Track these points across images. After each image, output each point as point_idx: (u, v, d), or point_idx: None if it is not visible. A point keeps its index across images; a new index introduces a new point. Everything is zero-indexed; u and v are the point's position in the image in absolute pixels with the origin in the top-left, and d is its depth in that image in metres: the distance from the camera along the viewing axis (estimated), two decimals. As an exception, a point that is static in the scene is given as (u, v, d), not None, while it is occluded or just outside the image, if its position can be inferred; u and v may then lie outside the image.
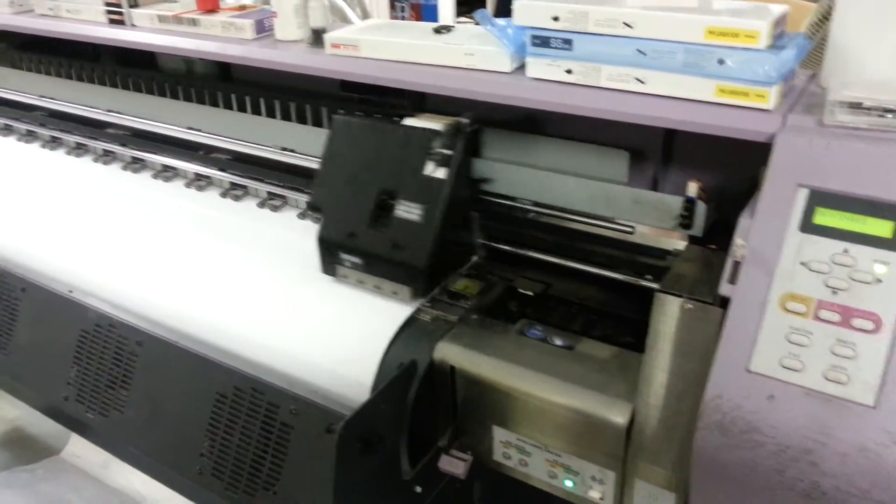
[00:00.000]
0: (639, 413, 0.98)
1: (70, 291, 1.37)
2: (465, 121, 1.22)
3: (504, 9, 3.95)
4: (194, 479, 1.17)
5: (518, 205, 1.27)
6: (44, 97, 1.98)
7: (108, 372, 1.27)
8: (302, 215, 1.51)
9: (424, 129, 1.22)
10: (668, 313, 0.93)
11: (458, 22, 4.98)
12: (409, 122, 1.26)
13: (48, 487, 2.14)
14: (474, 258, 1.32)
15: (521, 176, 1.25)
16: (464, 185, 1.24)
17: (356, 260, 1.23)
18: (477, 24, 1.15)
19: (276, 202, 1.57)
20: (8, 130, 2.07)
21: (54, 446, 2.32)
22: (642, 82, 0.99)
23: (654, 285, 1.13)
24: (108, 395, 1.28)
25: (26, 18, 1.73)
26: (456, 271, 1.28)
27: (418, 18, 4.75)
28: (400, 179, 1.21)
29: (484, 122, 1.26)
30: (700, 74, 0.94)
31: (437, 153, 1.19)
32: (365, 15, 3.00)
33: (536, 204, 1.26)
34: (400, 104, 1.37)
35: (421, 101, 1.40)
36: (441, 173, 1.18)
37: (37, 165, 1.87)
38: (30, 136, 2.01)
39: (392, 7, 4.83)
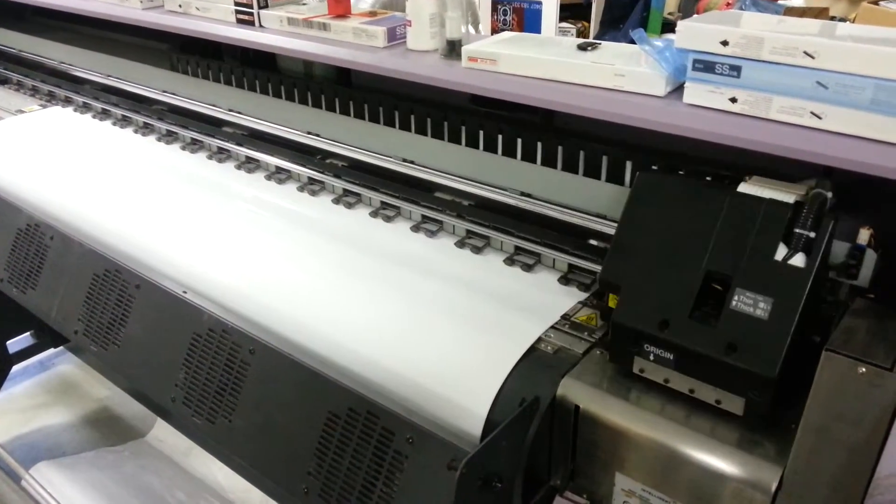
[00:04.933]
0: (788, 479, 0.89)
1: (185, 292, 1.36)
2: (826, 193, 0.96)
3: (610, 20, 3.85)
4: (300, 497, 1.14)
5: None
6: (165, 91, 2.01)
7: (218, 378, 1.26)
8: (416, 228, 1.47)
9: (776, 202, 0.97)
10: (837, 375, 0.84)
11: (561, 28, 4.90)
12: (746, 188, 1.00)
13: (131, 469, 2.18)
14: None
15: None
16: (823, 274, 0.98)
17: (665, 355, 1.01)
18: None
19: (390, 213, 1.53)
20: (126, 122, 2.11)
21: (140, 429, 2.37)
22: (819, 117, 0.90)
23: (812, 336, 1.05)
24: (216, 402, 1.26)
25: (156, 14, 1.75)
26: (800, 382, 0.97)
27: (520, 23, 4.69)
28: (737, 262, 0.97)
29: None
30: (892, 114, 0.84)
31: (796, 234, 0.94)
32: (476, 22, 2.96)
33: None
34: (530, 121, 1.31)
35: (549, 120, 1.35)
36: (799, 261, 0.94)
37: (151, 158, 1.90)
38: (146, 129, 2.04)
39: (494, 11, 4.79)
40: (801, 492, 0.88)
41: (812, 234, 0.93)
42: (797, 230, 0.93)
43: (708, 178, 1.05)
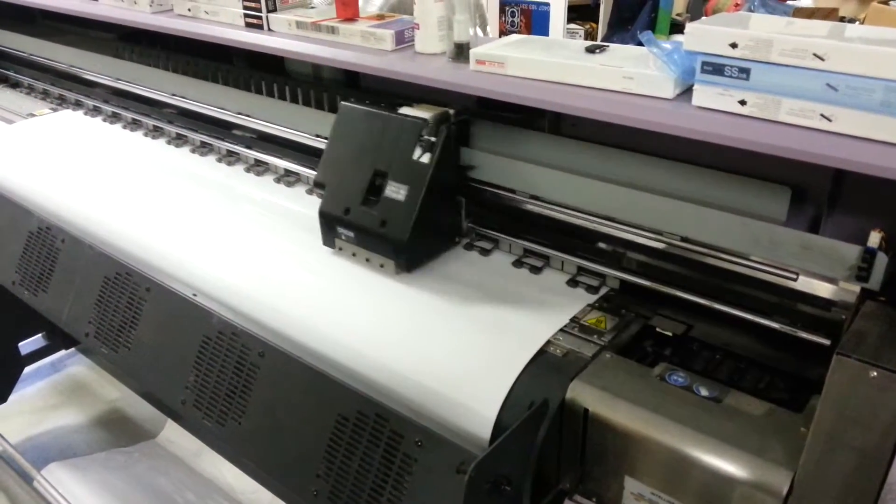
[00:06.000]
0: (799, 484, 0.89)
1: (195, 295, 1.37)
2: (451, 111, 1.32)
3: (618, 21, 3.84)
4: (310, 499, 1.14)
5: (665, 239, 1.19)
6: (175, 95, 2.02)
7: (227, 380, 1.26)
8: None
9: (417, 118, 1.31)
10: (848, 379, 0.83)
11: (569, 29, 4.90)
12: (403, 111, 1.35)
13: (142, 470, 2.19)
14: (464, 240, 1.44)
15: (668, 207, 1.17)
16: (449, 170, 1.33)
17: (350, 234, 1.36)
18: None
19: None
20: (136, 125, 2.12)
21: (150, 430, 2.39)
22: (829, 120, 0.90)
23: (820, 339, 1.05)
24: (225, 404, 1.26)
25: (165, 18, 1.76)
26: (441, 251, 1.40)
27: (528, 25, 4.69)
28: (391, 162, 1.32)
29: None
30: (902, 116, 0.84)
31: (423, 139, 1.29)
32: (484, 24, 2.96)
33: (684, 239, 1.17)
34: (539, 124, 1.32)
35: (558, 122, 1.35)
36: (425, 158, 1.29)
37: (161, 161, 1.91)
38: (156, 132, 2.05)
39: (502, 13, 4.79)
40: (812, 496, 0.87)
41: (433, 139, 1.28)
42: (424, 136, 1.29)
43: (382, 105, 1.40)
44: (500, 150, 1.37)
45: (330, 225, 1.39)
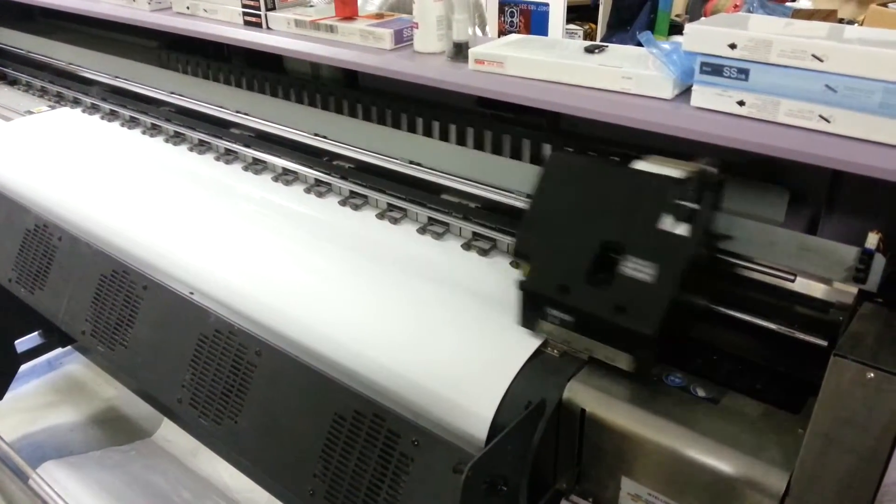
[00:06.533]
0: (796, 484, 0.89)
1: (191, 293, 1.37)
2: (711, 169, 1.03)
3: (617, 22, 3.85)
4: (306, 499, 1.14)
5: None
6: (173, 93, 2.01)
7: (224, 379, 1.26)
8: (422, 230, 1.47)
9: (663, 177, 1.04)
10: (845, 381, 0.83)
11: (568, 30, 4.90)
12: (640, 165, 1.08)
13: (138, 468, 2.19)
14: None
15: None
16: (705, 243, 1.06)
17: (566, 318, 1.08)
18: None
19: (396, 214, 1.53)
20: (134, 123, 2.11)
21: (147, 429, 2.38)
22: (828, 121, 0.90)
23: (818, 341, 1.05)
24: (222, 403, 1.26)
25: (163, 16, 1.76)
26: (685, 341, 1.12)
27: (527, 25, 4.69)
28: (629, 232, 1.04)
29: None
30: (901, 117, 0.84)
31: (678, 206, 1.00)
32: (483, 24, 2.96)
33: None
34: (537, 123, 1.31)
35: (556, 122, 1.34)
36: (682, 230, 1.00)
37: (159, 159, 1.90)
38: (154, 130, 2.05)
39: (501, 13, 4.79)
40: (809, 497, 0.87)
41: (695, 206, 0.99)
42: (681, 201, 1.00)
43: (611, 157, 1.15)
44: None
45: (537, 304, 1.10)
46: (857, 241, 0.99)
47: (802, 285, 1.07)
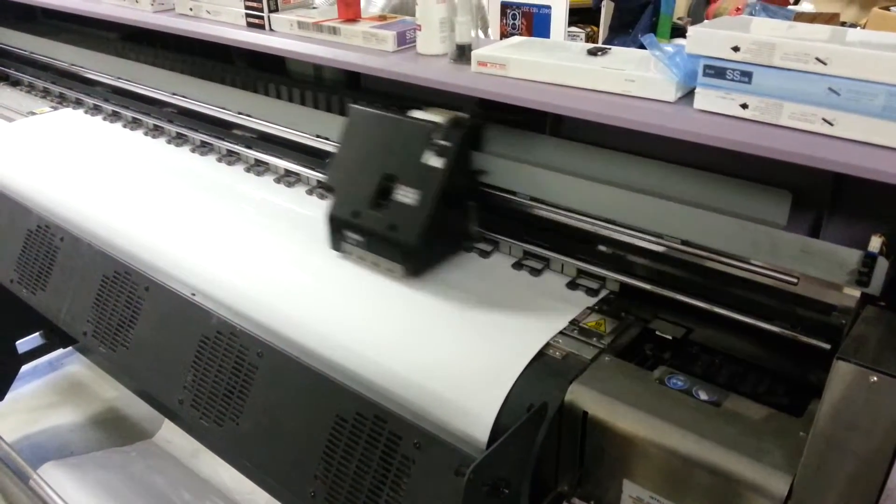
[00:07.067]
0: (798, 488, 0.89)
1: (193, 294, 1.36)
2: (464, 115, 1.31)
3: (619, 25, 3.84)
4: (307, 500, 1.13)
5: (665, 243, 1.19)
6: (175, 94, 2.01)
7: (225, 381, 1.26)
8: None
9: (427, 122, 1.30)
10: (848, 384, 0.83)
11: (570, 32, 4.90)
12: (415, 114, 1.35)
13: (138, 469, 2.19)
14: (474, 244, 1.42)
15: (669, 211, 1.17)
16: (461, 175, 1.33)
17: (359, 238, 1.34)
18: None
19: (399, 216, 1.53)
20: (136, 124, 2.12)
21: (148, 430, 2.38)
22: (831, 124, 0.90)
23: (820, 344, 1.05)
24: (223, 404, 1.26)
25: (166, 17, 1.76)
26: (449, 256, 1.39)
27: (529, 28, 4.68)
28: (401, 166, 1.31)
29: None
30: (904, 120, 0.84)
31: (436, 143, 1.27)
32: (485, 26, 2.96)
33: (684, 242, 1.17)
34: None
35: (558, 124, 1.34)
36: (438, 162, 1.27)
37: (161, 161, 1.91)
38: (157, 132, 2.05)
39: (503, 15, 4.78)
40: (811, 501, 0.87)
41: (448, 143, 1.26)
42: (437, 140, 1.27)
43: (392, 108, 1.38)
44: (506, 154, 1.37)
45: (338, 229, 1.38)
46: (860, 245, 0.99)
47: (805, 288, 1.07)
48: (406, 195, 1.28)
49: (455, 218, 1.37)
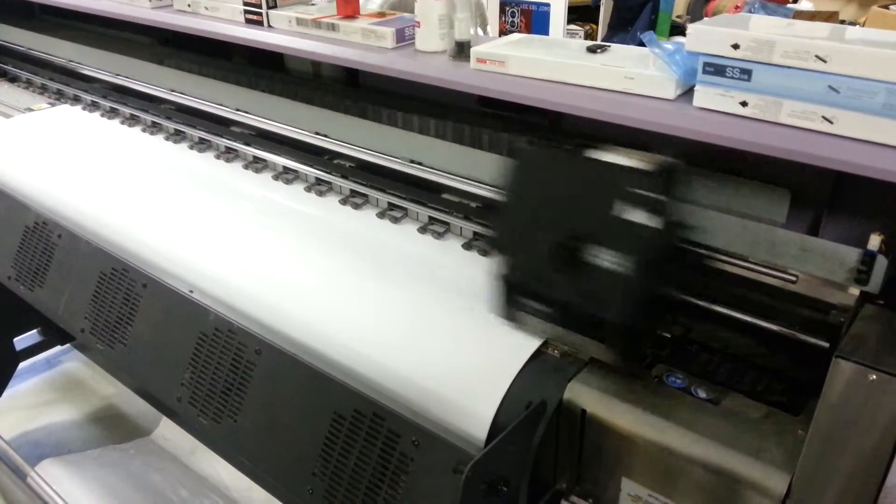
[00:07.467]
0: (797, 486, 0.89)
1: (191, 291, 1.36)
2: (677, 162, 1.00)
3: (618, 22, 3.84)
4: (305, 498, 1.13)
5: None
6: (174, 91, 2.01)
7: (224, 378, 1.26)
8: (423, 229, 1.47)
9: (629, 168, 1.00)
10: (847, 382, 0.83)
11: (569, 30, 4.90)
12: (606, 157, 1.04)
13: (136, 467, 2.18)
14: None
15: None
16: (670, 233, 1.05)
17: (541, 308, 1.07)
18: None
19: (397, 213, 1.53)
20: (134, 121, 2.11)
21: (145, 427, 2.38)
22: (831, 122, 0.89)
23: (820, 342, 1.04)
24: (221, 402, 1.26)
25: (165, 14, 1.75)
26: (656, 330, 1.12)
27: (528, 25, 4.69)
28: (597, 223, 1.02)
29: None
30: (904, 118, 0.84)
31: (644, 197, 0.98)
32: (484, 23, 2.95)
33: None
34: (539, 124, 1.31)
35: (558, 121, 1.34)
36: (649, 220, 0.98)
37: (159, 157, 1.90)
38: (155, 128, 2.05)
39: (502, 13, 4.79)
40: (810, 499, 0.87)
41: (663, 197, 0.97)
42: (648, 193, 0.97)
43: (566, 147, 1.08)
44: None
45: (514, 297, 1.11)
46: (859, 243, 0.99)
47: (804, 286, 1.07)
48: (606, 259, 1.00)
49: (665, 286, 1.10)
